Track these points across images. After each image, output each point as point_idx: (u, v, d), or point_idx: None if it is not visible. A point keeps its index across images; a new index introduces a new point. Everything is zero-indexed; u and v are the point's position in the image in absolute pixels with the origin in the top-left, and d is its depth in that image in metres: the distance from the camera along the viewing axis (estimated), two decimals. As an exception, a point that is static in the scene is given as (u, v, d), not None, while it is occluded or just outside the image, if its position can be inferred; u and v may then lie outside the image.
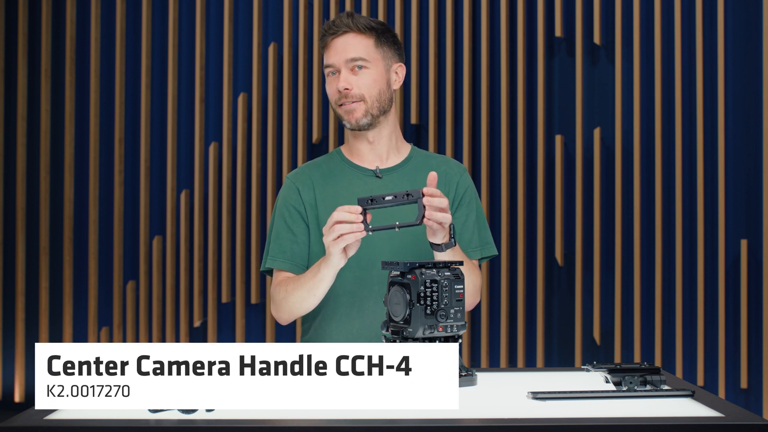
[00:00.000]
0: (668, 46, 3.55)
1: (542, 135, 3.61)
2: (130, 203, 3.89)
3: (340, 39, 1.93)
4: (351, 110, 1.92)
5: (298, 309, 1.87)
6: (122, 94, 3.88)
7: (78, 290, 3.90)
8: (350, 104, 1.92)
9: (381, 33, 1.95)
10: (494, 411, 1.34)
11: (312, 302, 1.84)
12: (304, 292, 1.82)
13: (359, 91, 1.91)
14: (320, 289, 1.80)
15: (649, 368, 1.49)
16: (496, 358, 3.65)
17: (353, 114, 1.92)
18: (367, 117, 1.93)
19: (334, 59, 1.93)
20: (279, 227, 1.96)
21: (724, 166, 3.48)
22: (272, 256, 1.94)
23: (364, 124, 1.93)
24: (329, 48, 1.94)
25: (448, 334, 1.50)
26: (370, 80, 1.92)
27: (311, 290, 1.80)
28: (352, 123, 1.93)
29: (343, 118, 1.95)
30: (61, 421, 1.27)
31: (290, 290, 1.85)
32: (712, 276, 3.51)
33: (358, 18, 1.94)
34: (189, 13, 3.87)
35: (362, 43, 1.93)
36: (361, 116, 1.92)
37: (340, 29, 1.93)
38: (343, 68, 1.92)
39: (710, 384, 3.50)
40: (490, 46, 3.67)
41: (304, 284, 1.82)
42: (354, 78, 1.92)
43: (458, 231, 1.95)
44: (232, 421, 1.26)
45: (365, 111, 1.92)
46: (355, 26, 1.93)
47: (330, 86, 1.95)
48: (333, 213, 1.67)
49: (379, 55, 1.94)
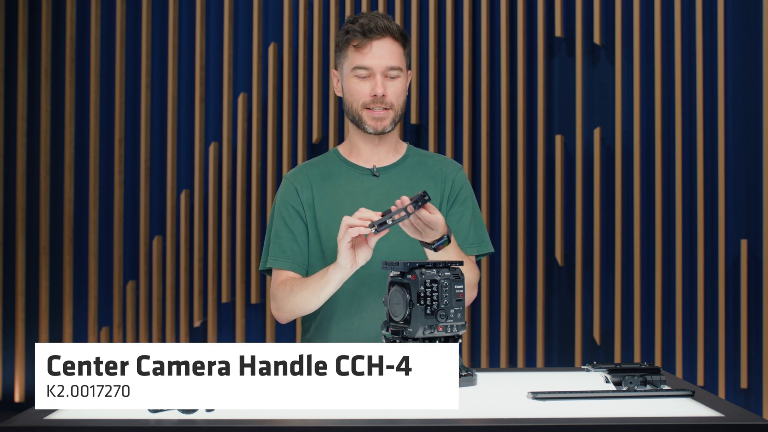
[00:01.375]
0: (668, 46, 3.55)
1: (542, 135, 3.61)
2: (130, 203, 3.89)
3: (379, 43, 1.90)
4: (381, 117, 1.91)
5: (300, 309, 1.87)
6: (122, 94, 3.88)
7: (78, 290, 3.90)
8: (381, 111, 1.91)
9: (406, 39, 1.95)
10: (494, 411, 1.34)
11: (315, 304, 1.84)
12: (308, 293, 1.82)
13: (391, 100, 1.91)
14: (325, 292, 1.80)
15: (649, 368, 1.49)
16: (496, 358, 3.65)
17: (382, 121, 1.92)
18: (392, 125, 1.94)
19: (373, 63, 1.89)
20: (278, 227, 1.96)
21: (724, 166, 3.48)
22: (272, 256, 1.94)
23: (388, 131, 1.94)
24: (365, 49, 1.90)
25: (448, 334, 1.50)
26: (401, 89, 1.93)
27: (316, 292, 1.81)
28: (378, 129, 1.93)
29: (365, 122, 1.93)
30: (61, 421, 1.27)
31: (295, 291, 1.86)
32: (712, 276, 3.51)
33: (391, 22, 1.92)
34: (189, 13, 3.87)
35: (398, 51, 1.92)
36: (388, 124, 1.93)
37: (380, 33, 1.89)
38: (379, 74, 1.90)
39: (710, 384, 3.50)
40: (490, 46, 3.67)
41: (309, 286, 1.82)
42: (387, 84, 1.91)
43: (454, 228, 1.95)
44: (232, 421, 1.26)
45: (392, 119, 1.93)
46: (393, 31, 1.91)
47: (360, 87, 1.91)
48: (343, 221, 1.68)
49: (405, 63, 1.95)
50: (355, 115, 1.93)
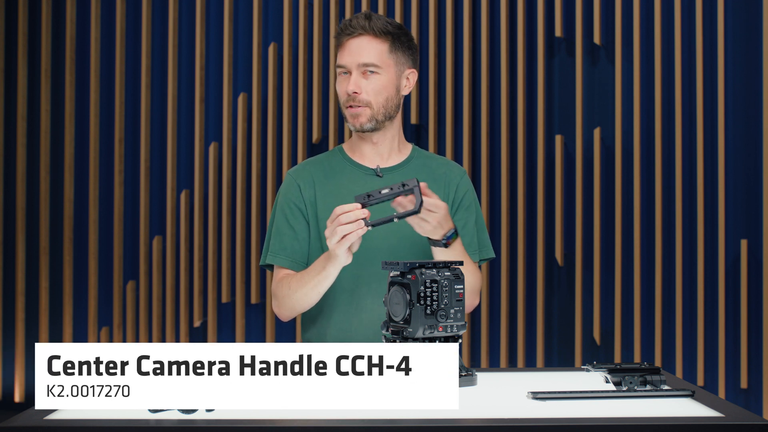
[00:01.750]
0: (668, 46, 3.55)
1: (542, 135, 3.61)
2: (130, 203, 3.89)
3: (355, 41, 1.91)
4: (356, 114, 1.92)
5: (301, 305, 1.89)
6: (122, 94, 3.88)
7: (78, 290, 3.90)
8: (357, 108, 1.91)
9: (396, 38, 1.93)
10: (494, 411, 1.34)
11: (314, 298, 1.86)
12: (307, 290, 1.84)
13: (367, 97, 1.91)
14: (323, 286, 1.82)
15: (649, 368, 1.49)
16: (496, 358, 3.65)
17: (358, 118, 1.92)
18: (372, 122, 1.93)
19: (347, 60, 1.91)
20: (280, 223, 1.96)
21: (724, 166, 3.48)
22: (273, 252, 1.95)
23: (368, 129, 1.94)
24: (343, 48, 1.93)
25: (448, 334, 1.50)
26: (379, 86, 1.91)
27: (315, 287, 1.82)
28: (356, 126, 1.94)
29: (346, 119, 1.95)
30: (61, 421, 1.27)
31: (294, 287, 1.87)
32: (712, 276, 3.51)
33: (375, 20, 1.91)
34: (189, 13, 3.87)
35: (376, 48, 1.91)
36: (365, 121, 1.92)
37: (356, 30, 1.91)
38: (354, 71, 1.91)
39: (710, 384, 3.50)
40: (490, 46, 3.67)
41: (308, 282, 1.83)
42: (364, 82, 1.91)
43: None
44: (232, 421, 1.26)
45: (370, 116, 1.92)
46: (371, 29, 1.90)
47: (340, 86, 1.94)
48: (333, 213, 1.67)
49: (392, 60, 1.93)
50: (342, 113, 1.96)
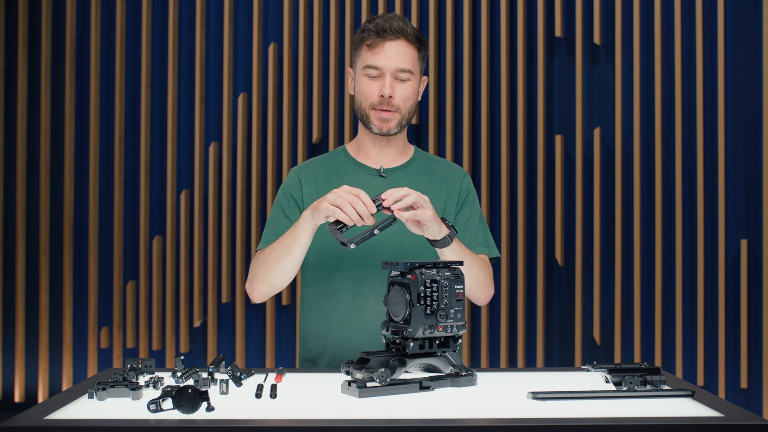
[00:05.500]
0: (668, 46, 3.55)
1: (542, 135, 3.61)
2: (130, 203, 3.89)
3: (393, 44, 1.90)
4: (386, 119, 1.92)
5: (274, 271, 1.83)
6: (122, 94, 3.88)
7: (78, 290, 3.90)
8: (388, 113, 1.91)
9: (423, 45, 1.95)
10: (494, 411, 1.34)
11: (288, 262, 1.80)
12: (280, 250, 1.80)
13: (398, 102, 1.91)
14: (297, 246, 1.77)
15: (649, 368, 1.48)
16: (496, 358, 3.65)
17: (387, 123, 1.92)
18: (398, 128, 1.94)
19: (384, 63, 1.90)
20: (275, 214, 1.98)
21: (724, 166, 3.48)
22: (265, 240, 1.95)
23: (393, 134, 1.95)
24: (377, 49, 1.90)
25: (448, 334, 1.51)
26: (410, 92, 1.92)
27: (288, 246, 1.78)
28: (383, 130, 1.93)
29: (371, 122, 1.93)
30: (61, 421, 1.27)
31: (267, 253, 1.85)
32: (712, 276, 3.51)
33: (407, 25, 1.92)
34: (189, 13, 3.87)
35: (411, 54, 1.92)
36: (393, 126, 1.93)
37: (395, 34, 1.90)
38: (388, 74, 1.90)
39: (710, 384, 3.50)
40: (490, 46, 3.67)
41: (281, 241, 1.81)
42: (396, 86, 1.91)
43: (462, 228, 1.97)
44: (232, 421, 1.26)
45: (398, 122, 1.93)
46: (408, 34, 1.91)
47: (369, 86, 1.92)
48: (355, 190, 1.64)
49: (419, 67, 1.95)
50: (363, 114, 1.94)
